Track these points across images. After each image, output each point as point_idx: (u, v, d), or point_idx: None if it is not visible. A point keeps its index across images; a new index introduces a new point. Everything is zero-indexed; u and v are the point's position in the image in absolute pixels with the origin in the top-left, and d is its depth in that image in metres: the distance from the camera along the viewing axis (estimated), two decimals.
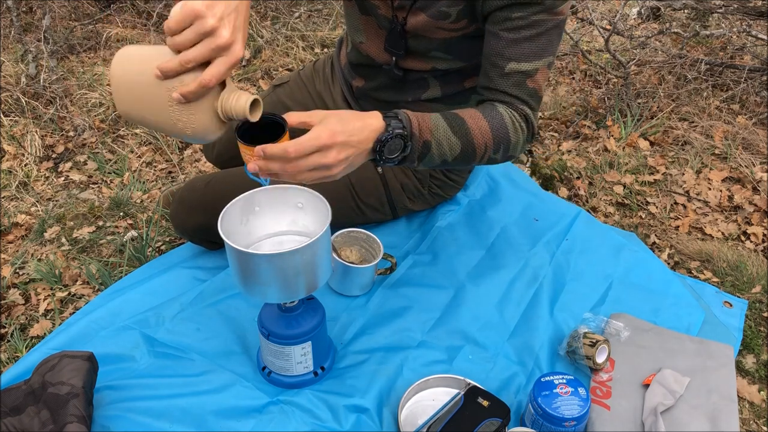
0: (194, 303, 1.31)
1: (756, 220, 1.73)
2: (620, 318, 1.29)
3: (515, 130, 1.07)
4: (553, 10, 1.03)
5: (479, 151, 1.05)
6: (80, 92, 2.15)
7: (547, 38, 1.06)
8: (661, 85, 2.38)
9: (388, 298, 1.34)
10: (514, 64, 1.06)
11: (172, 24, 0.80)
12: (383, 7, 1.18)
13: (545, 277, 1.41)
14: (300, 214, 1.05)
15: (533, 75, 1.07)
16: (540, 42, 1.06)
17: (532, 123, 1.11)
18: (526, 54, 1.06)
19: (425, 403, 1.12)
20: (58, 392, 1.04)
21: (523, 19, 1.03)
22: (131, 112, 0.88)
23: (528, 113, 1.09)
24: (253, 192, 1.01)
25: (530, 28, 1.04)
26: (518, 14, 1.03)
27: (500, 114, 1.06)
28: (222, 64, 0.82)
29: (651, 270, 1.46)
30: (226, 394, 1.13)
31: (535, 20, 1.03)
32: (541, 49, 1.06)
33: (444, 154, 1.02)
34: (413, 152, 0.99)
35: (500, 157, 1.09)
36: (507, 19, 1.05)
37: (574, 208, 1.61)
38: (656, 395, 1.13)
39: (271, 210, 1.05)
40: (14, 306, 1.38)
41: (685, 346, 1.24)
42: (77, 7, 2.75)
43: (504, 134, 1.06)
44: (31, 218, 1.64)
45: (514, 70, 1.07)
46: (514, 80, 1.08)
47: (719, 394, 1.15)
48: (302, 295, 0.99)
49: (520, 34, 1.05)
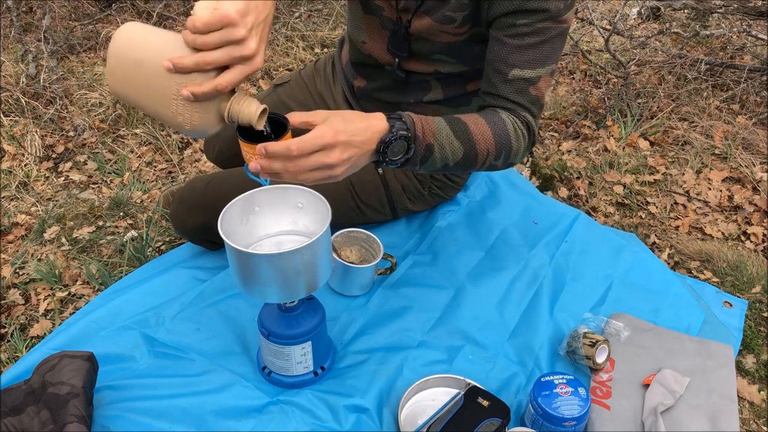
0: (194, 303, 1.31)
1: (756, 220, 1.73)
2: (620, 318, 1.29)
3: (517, 138, 1.07)
4: (558, 18, 1.03)
5: (481, 156, 1.05)
6: (80, 92, 2.15)
7: (550, 46, 1.06)
8: (661, 85, 2.38)
9: (388, 298, 1.34)
10: (517, 71, 1.06)
11: (199, 25, 0.78)
12: (387, 9, 1.18)
13: (545, 277, 1.41)
14: (300, 215, 1.05)
15: (536, 82, 1.07)
16: (544, 49, 1.05)
17: (533, 130, 1.10)
18: (530, 61, 1.06)
19: (425, 403, 1.12)
20: (58, 392, 1.04)
21: (528, 26, 1.03)
22: (127, 94, 0.85)
23: (530, 120, 1.09)
24: (253, 192, 1.01)
25: (534, 35, 1.04)
26: (523, 21, 1.03)
27: (503, 120, 1.06)
28: (240, 73, 0.81)
29: (651, 270, 1.46)
30: (226, 394, 1.13)
31: (539, 27, 1.03)
32: (545, 57, 1.06)
33: (446, 158, 1.02)
34: (416, 155, 0.98)
35: (501, 163, 1.09)
36: (512, 25, 1.04)
37: (573, 211, 1.62)
38: (656, 395, 1.13)
39: (271, 210, 1.05)
40: (14, 306, 1.38)
41: (685, 346, 1.24)
42: (77, 7, 2.76)
43: (506, 141, 1.06)
44: (31, 218, 1.64)
45: (517, 77, 1.07)
46: (517, 87, 1.07)
47: (719, 394, 1.15)
48: (302, 295, 1.00)
49: (524, 41, 1.04)
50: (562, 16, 1.03)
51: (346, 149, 0.88)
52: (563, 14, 1.03)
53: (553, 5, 1.01)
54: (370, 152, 0.93)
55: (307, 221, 1.05)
